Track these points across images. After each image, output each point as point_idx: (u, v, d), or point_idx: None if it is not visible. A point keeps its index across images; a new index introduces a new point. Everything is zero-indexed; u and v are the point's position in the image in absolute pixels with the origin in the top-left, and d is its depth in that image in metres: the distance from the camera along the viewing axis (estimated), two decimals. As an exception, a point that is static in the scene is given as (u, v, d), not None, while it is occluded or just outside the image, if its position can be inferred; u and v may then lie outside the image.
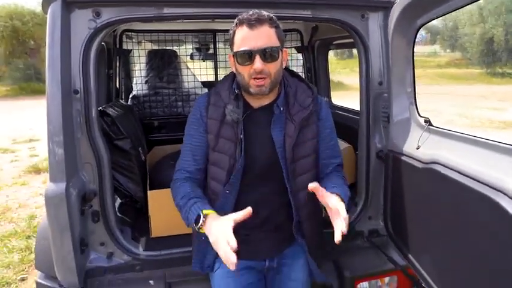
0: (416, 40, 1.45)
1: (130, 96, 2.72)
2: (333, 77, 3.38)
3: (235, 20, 1.20)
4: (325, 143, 1.33)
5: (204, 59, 3.13)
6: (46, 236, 1.48)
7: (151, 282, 1.48)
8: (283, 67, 1.27)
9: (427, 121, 1.35)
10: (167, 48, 2.85)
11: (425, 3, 1.26)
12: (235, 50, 1.20)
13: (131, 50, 2.74)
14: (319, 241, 1.42)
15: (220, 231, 1.07)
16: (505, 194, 0.86)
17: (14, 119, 9.90)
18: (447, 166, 1.09)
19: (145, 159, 2.08)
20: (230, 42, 1.24)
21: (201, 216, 1.14)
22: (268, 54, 1.16)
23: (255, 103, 1.29)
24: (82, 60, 1.34)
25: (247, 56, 1.16)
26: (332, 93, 2.89)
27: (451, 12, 1.15)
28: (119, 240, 1.50)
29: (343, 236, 1.05)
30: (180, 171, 1.32)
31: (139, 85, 2.79)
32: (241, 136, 1.24)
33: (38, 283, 1.49)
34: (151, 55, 2.83)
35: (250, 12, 1.18)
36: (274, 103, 1.28)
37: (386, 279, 1.64)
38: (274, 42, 1.18)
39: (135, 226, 1.70)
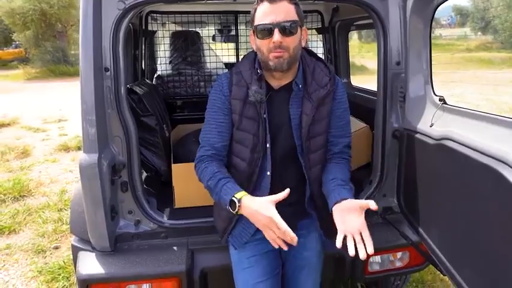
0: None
1: (155, 76, 2.83)
2: (356, 60, 3.37)
3: None
4: (336, 122, 1.38)
5: (225, 41, 3.19)
6: (80, 203, 1.62)
7: (175, 248, 1.60)
8: (303, 46, 1.32)
9: (442, 99, 1.37)
10: (190, 29, 2.92)
11: None
12: (255, 24, 1.25)
13: (156, 31, 2.83)
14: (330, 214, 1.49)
15: (267, 218, 1.15)
16: (508, 165, 0.90)
17: (44, 100, 10.29)
18: (456, 141, 1.13)
19: (169, 136, 2.19)
20: (251, 19, 1.29)
21: (236, 202, 1.20)
22: (287, 29, 1.21)
23: (275, 83, 1.34)
24: (112, 40, 1.43)
25: (266, 30, 1.22)
26: (353, 78, 2.90)
27: None
28: (146, 209, 1.61)
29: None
30: (206, 148, 1.35)
31: (163, 65, 2.89)
32: (265, 116, 1.31)
33: (73, 246, 1.62)
34: (175, 36, 2.91)
35: None
36: (293, 82, 1.33)
37: (399, 254, 1.70)
38: (292, 17, 1.22)
39: (159, 197, 1.81)
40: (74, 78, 15.88)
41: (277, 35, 1.20)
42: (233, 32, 3.10)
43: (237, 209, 1.20)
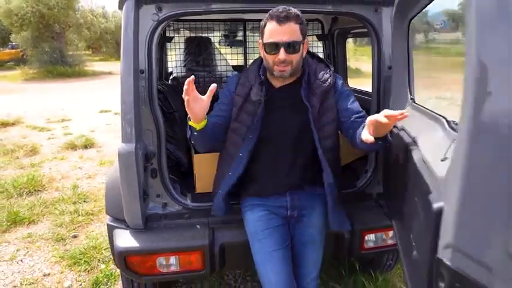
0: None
1: (171, 77, 3.07)
2: (351, 63, 3.63)
3: (267, 14, 1.46)
4: (345, 103, 1.61)
5: (234, 46, 3.45)
6: (114, 187, 1.85)
7: (198, 226, 1.84)
8: (304, 55, 1.56)
9: (412, 99, 1.64)
10: (203, 35, 3.17)
11: (410, 1, 1.52)
12: (264, 40, 1.48)
13: (173, 37, 3.07)
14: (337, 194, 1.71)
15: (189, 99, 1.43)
16: (416, 145, 1.19)
17: (45, 100, 10.44)
18: (403, 129, 1.45)
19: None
20: (261, 31, 1.51)
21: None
22: (291, 47, 1.44)
23: (277, 83, 1.60)
24: (147, 46, 1.67)
25: (273, 47, 1.44)
26: (349, 80, 3.17)
27: (429, 3, 1.40)
28: (172, 193, 1.85)
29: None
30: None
31: (178, 68, 3.14)
32: (259, 110, 1.56)
33: (108, 225, 1.85)
34: (189, 41, 3.16)
35: (281, 9, 1.43)
36: (294, 83, 1.59)
37: (390, 233, 1.96)
38: (297, 37, 1.44)
39: (181, 184, 2.05)
40: (72, 79, 16.05)
41: (282, 53, 1.44)
42: (241, 38, 3.36)
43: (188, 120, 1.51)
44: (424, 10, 1.51)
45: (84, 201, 3.86)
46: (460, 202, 0.71)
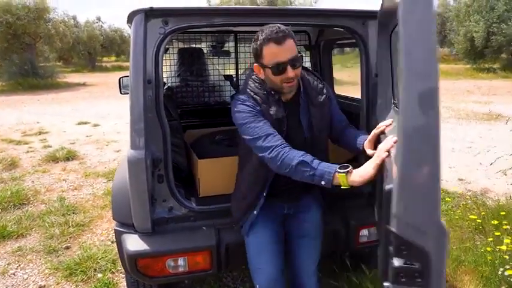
0: None
1: (165, 87, 3.15)
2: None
3: (261, 37, 1.45)
4: (336, 109, 1.79)
5: (226, 56, 3.57)
6: (121, 194, 1.92)
7: (204, 228, 1.92)
8: None
9: (395, 103, 1.82)
10: (195, 46, 3.28)
11: (390, 16, 1.69)
12: (267, 63, 1.47)
13: (168, 48, 3.16)
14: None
15: (373, 164, 1.36)
16: None
17: (17, 114, 10.14)
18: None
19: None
20: (257, 55, 1.50)
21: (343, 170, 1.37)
22: (296, 62, 1.48)
23: (284, 98, 1.62)
24: (154, 58, 1.76)
25: (280, 68, 1.46)
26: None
27: None
28: (178, 197, 1.92)
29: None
30: (271, 137, 1.48)
31: (173, 78, 3.23)
32: (285, 129, 1.59)
33: (116, 230, 1.90)
34: (182, 52, 3.26)
35: (274, 30, 1.43)
36: (296, 95, 1.65)
37: (382, 227, 2.11)
38: (296, 51, 1.49)
39: (184, 189, 2.13)
40: (44, 92, 15.60)
41: (290, 71, 1.46)
42: (233, 49, 3.49)
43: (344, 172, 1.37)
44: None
45: (73, 213, 3.83)
46: (399, 184, 0.92)
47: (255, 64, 1.56)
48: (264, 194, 1.69)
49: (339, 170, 1.37)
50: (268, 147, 1.47)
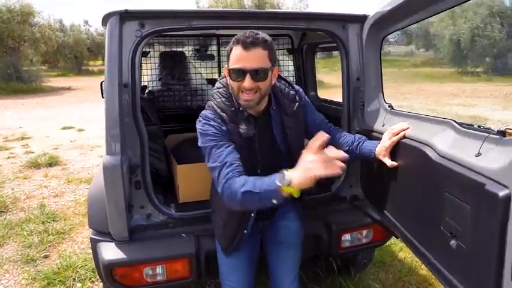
0: (394, 40, 1.91)
1: (146, 91, 3.10)
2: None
3: (233, 39, 1.37)
4: (312, 117, 1.68)
5: (208, 60, 3.54)
6: (97, 201, 1.86)
7: (183, 235, 1.88)
8: (273, 83, 1.48)
9: (390, 106, 1.81)
10: (177, 50, 3.24)
11: (385, 22, 1.72)
12: (229, 66, 1.38)
13: (149, 51, 3.11)
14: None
15: (313, 162, 1.18)
16: (429, 145, 1.33)
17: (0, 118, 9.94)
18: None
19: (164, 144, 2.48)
20: (227, 55, 1.41)
21: (283, 175, 1.21)
22: (258, 74, 1.34)
23: (254, 111, 1.50)
24: (131, 61, 1.72)
25: (240, 74, 1.34)
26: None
27: (405, 27, 1.61)
28: (156, 204, 1.88)
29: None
30: (226, 167, 1.33)
31: (154, 82, 3.18)
32: (257, 146, 1.51)
33: (92, 238, 1.84)
34: (164, 56, 3.21)
35: (247, 34, 1.33)
36: (267, 106, 1.53)
37: (365, 231, 2.09)
38: (265, 63, 1.35)
39: (163, 195, 2.08)
40: (28, 96, 15.32)
41: (248, 81, 1.33)
42: (216, 52, 3.46)
43: (286, 183, 1.21)
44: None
45: (53, 220, 3.73)
46: None
47: (225, 66, 1.46)
48: (252, 214, 1.58)
49: (279, 184, 1.22)
50: (219, 182, 1.33)
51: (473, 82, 17.22)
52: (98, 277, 2.70)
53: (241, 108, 1.46)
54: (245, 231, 1.61)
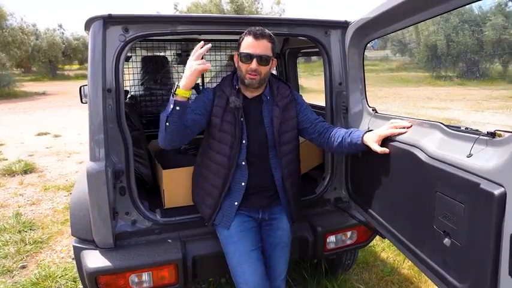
0: (370, 46, 1.96)
1: (128, 96, 3.05)
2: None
3: (246, 31, 1.67)
4: (305, 114, 1.82)
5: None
6: (80, 208, 1.83)
7: (169, 240, 1.86)
8: (271, 72, 1.76)
9: (374, 109, 1.86)
10: (159, 54, 3.21)
11: (369, 29, 1.77)
12: (240, 50, 1.66)
13: (130, 56, 3.07)
14: (298, 199, 1.90)
15: (191, 64, 1.52)
16: (417, 147, 1.37)
17: (-29, 125, 9.54)
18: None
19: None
20: (238, 44, 1.70)
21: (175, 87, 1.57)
22: (263, 60, 1.64)
23: (250, 94, 1.76)
24: (114, 66, 1.70)
25: (248, 57, 1.64)
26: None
27: (388, 34, 1.66)
28: (141, 210, 1.86)
29: None
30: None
31: (136, 86, 3.13)
32: (242, 119, 1.71)
33: (74, 247, 1.79)
34: (146, 60, 3.18)
35: (257, 28, 1.66)
36: (261, 95, 1.77)
37: (349, 233, 2.13)
38: (268, 52, 1.66)
39: (149, 201, 2.06)
40: (0, 101, 14.79)
41: (254, 64, 1.64)
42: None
43: (176, 88, 1.57)
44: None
45: (30, 229, 3.61)
46: None
47: (235, 53, 1.73)
48: (243, 183, 1.75)
49: (172, 91, 1.59)
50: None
51: (447, 86, 17.80)
52: (79, 286, 2.64)
53: (237, 86, 1.73)
54: (236, 203, 1.76)
